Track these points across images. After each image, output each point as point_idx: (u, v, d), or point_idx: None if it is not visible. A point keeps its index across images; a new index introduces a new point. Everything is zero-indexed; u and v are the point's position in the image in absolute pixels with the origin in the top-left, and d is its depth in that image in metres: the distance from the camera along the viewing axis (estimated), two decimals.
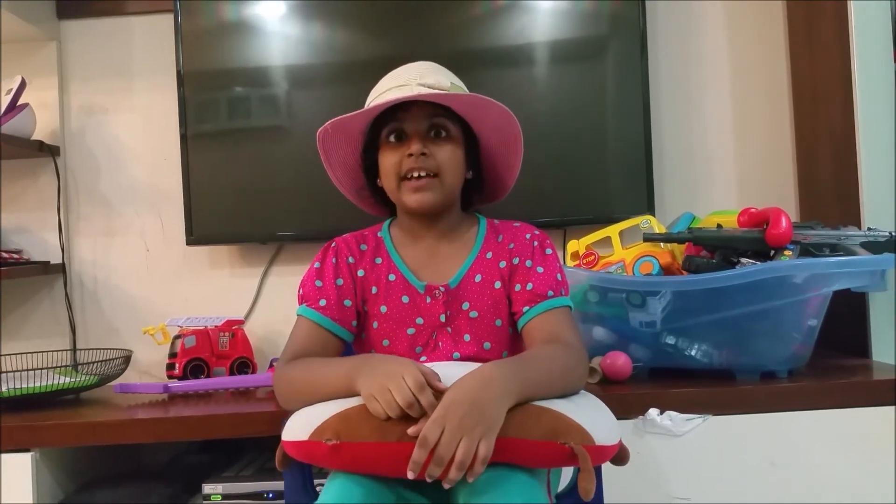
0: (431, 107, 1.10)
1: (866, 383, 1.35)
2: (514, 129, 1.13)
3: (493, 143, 1.16)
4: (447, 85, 1.10)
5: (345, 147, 1.17)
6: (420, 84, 1.09)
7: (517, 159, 1.17)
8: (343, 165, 1.19)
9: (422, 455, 0.84)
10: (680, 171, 1.84)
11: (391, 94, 1.09)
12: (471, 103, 1.10)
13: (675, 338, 1.40)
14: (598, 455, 0.91)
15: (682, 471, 1.30)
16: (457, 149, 1.12)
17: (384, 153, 1.12)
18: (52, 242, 1.85)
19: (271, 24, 1.78)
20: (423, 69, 1.13)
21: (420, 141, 1.08)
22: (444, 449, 0.84)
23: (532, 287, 1.10)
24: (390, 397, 0.88)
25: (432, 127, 1.10)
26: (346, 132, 1.14)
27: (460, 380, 0.90)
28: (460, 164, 1.12)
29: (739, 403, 1.32)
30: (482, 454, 0.84)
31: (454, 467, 0.84)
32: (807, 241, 1.38)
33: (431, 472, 0.84)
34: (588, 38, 1.76)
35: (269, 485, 1.44)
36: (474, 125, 1.14)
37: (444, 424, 0.85)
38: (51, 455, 1.43)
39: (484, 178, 1.19)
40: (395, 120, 1.10)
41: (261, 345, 1.82)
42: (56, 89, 1.86)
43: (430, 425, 0.85)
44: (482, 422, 0.85)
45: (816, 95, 1.70)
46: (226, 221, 1.78)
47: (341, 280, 1.13)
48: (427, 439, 0.84)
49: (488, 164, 1.18)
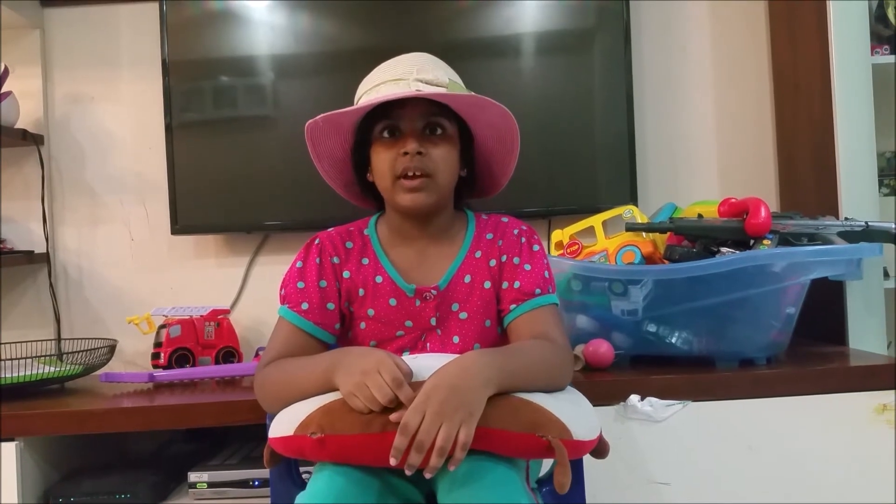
0: (428, 104, 1.06)
1: (843, 370, 1.38)
2: (511, 128, 1.11)
3: (490, 141, 1.14)
4: (446, 81, 1.07)
5: (334, 139, 1.13)
6: (418, 79, 1.05)
7: (512, 159, 1.15)
8: (331, 158, 1.15)
9: (403, 441, 0.85)
10: (662, 162, 1.86)
11: (387, 88, 1.06)
12: (469, 103, 1.07)
13: (657, 326, 1.42)
14: (576, 449, 0.92)
15: (663, 455, 1.33)
16: (452, 148, 1.09)
17: (377, 149, 1.08)
18: (36, 232, 1.84)
19: (257, 12, 1.77)
20: (420, 62, 1.09)
21: (416, 139, 1.05)
22: (424, 435, 0.84)
23: (519, 285, 1.09)
24: (369, 393, 0.88)
25: (428, 125, 1.07)
26: (337, 125, 1.11)
27: (441, 367, 0.91)
28: (455, 163, 1.10)
29: (719, 390, 1.34)
30: (462, 440, 0.84)
31: (434, 453, 0.84)
32: (785, 231, 1.40)
33: (412, 460, 0.84)
34: (573, 30, 1.77)
35: (254, 473, 1.45)
36: (471, 123, 1.11)
37: (425, 410, 0.85)
38: (35, 444, 1.43)
39: (477, 175, 1.16)
40: (391, 116, 1.06)
41: (246, 334, 1.82)
42: (40, 78, 1.85)
43: (410, 412, 0.86)
44: (462, 408, 0.86)
45: (797, 89, 1.72)
46: (211, 211, 1.78)
47: (325, 282, 1.11)
48: (408, 426, 0.85)
49: (482, 161, 1.16)
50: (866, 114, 1.55)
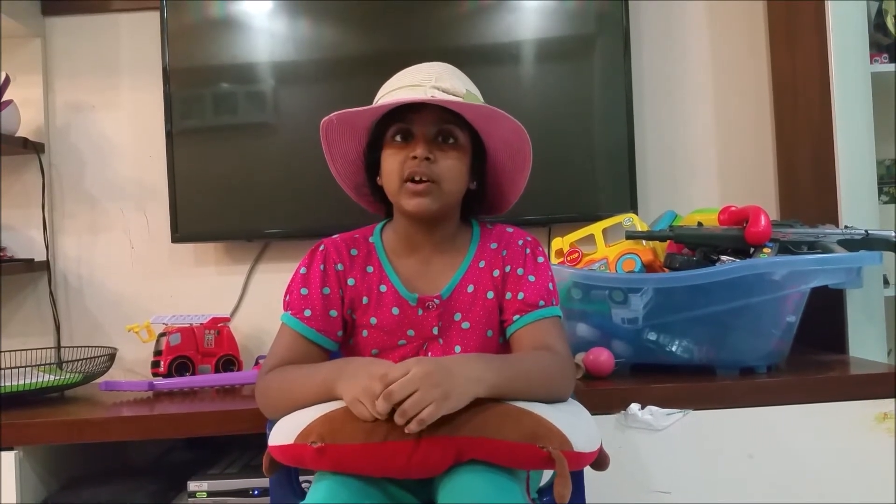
0: (442, 111, 1.06)
1: (843, 378, 1.38)
2: (524, 146, 1.10)
3: (502, 156, 1.13)
4: (462, 91, 1.07)
5: (348, 141, 1.13)
6: (435, 87, 1.05)
7: (523, 176, 1.15)
8: (344, 159, 1.16)
9: (386, 407, 0.86)
10: (662, 170, 1.86)
11: (403, 94, 1.06)
12: (483, 114, 1.06)
13: (657, 334, 1.42)
14: (577, 461, 0.91)
15: (663, 464, 1.32)
16: (462, 158, 1.08)
17: (388, 152, 1.09)
18: (36, 240, 1.84)
19: (258, 20, 1.78)
20: (439, 71, 1.09)
21: (426, 145, 1.05)
22: (397, 389, 0.86)
23: (523, 297, 1.09)
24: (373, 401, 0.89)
25: (440, 132, 1.07)
26: (351, 126, 1.11)
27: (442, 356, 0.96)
28: (463, 173, 1.09)
29: (719, 398, 1.34)
30: (423, 415, 0.85)
31: (397, 413, 0.86)
32: (785, 239, 1.40)
33: (380, 406, 0.86)
34: (572, 36, 1.78)
35: (254, 482, 1.45)
36: (485, 137, 1.10)
37: (409, 369, 0.87)
38: (35, 453, 1.43)
39: (487, 190, 1.16)
40: (404, 120, 1.07)
41: (247, 342, 1.82)
42: (41, 86, 1.85)
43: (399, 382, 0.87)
44: (441, 386, 0.87)
45: (796, 97, 1.73)
46: (212, 219, 1.78)
47: (328, 289, 1.10)
48: (392, 393, 0.86)
49: (493, 176, 1.15)
50: (866, 122, 1.55)
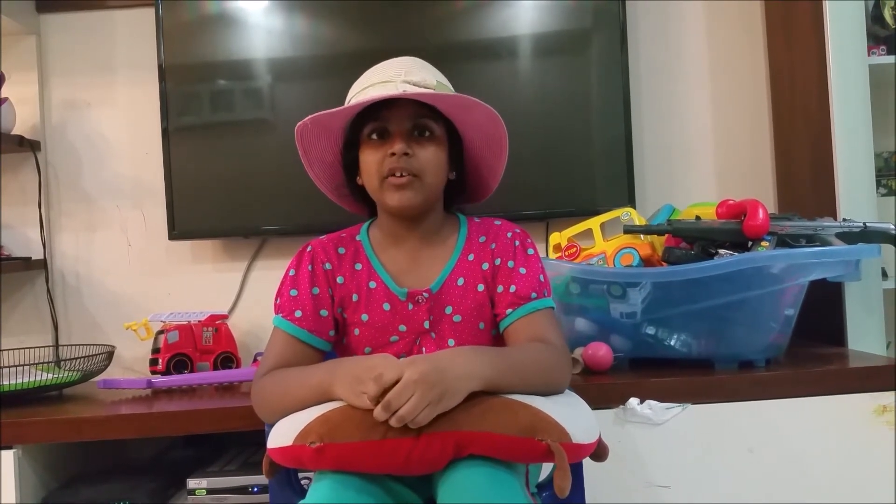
0: (416, 106, 1.07)
1: (842, 371, 1.38)
2: (499, 131, 1.11)
3: (478, 144, 1.14)
4: (433, 83, 1.08)
5: (324, 142, 1.14)
6: (405, 81, 1.06)
7: (501, 162, 1.15)
8: (321, 161, 1.16)
9: (382, 414, 0.87)
10: (660, 164, 1.86)
11: (375, 91, 1.07)
12: (456, 104, 1.07)
13: (655, 328, 1.42)
14: (576, 453, 0.92)
15: (662, 458, 1.32)
16: (440, 149, 1.09)
17: (365, 151, 1.09)
18: (33, 238, 1.84)
19: (254, 16, 1.77)
20: (408, 65, 1.10)
21: (403, 140, 1.06)
22: (394, 396, 0.87)
23: (515, 289, 1.10)
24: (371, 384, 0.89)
25: (416, 126, 1.08)
26: (326, 128, 1.12)
27: (435, 352, 0.95)
28: (443, 165, 1.10)
29: (718, 392, 1.34)
30: (420, 419, 0.86)
31: (395, 418, 0.87)
32: (783, 232, 1.40)
33: (377, 413, 0.87)
34: (569, 32, 1.77)
35: (253, 479, 1.44)
36: (459, 125, 1.12)
37: (402, 372, 0.88)
38: (34, 452, 1.43)
39: (467, 179, 1.17)
40: (378, 118, 1.07)
41: (245, 339, 1.82)
42: (36, 84, 1.85)
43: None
44: (436, 388, 0.87)
45: (794, 88, 1.72)
46: (209, 216, 1.78)
47: (317, 289, 1.11)
48: (390, 402, 0.87)
49: (472, 165, 1.17)
50: (863, 114, 1.54)
